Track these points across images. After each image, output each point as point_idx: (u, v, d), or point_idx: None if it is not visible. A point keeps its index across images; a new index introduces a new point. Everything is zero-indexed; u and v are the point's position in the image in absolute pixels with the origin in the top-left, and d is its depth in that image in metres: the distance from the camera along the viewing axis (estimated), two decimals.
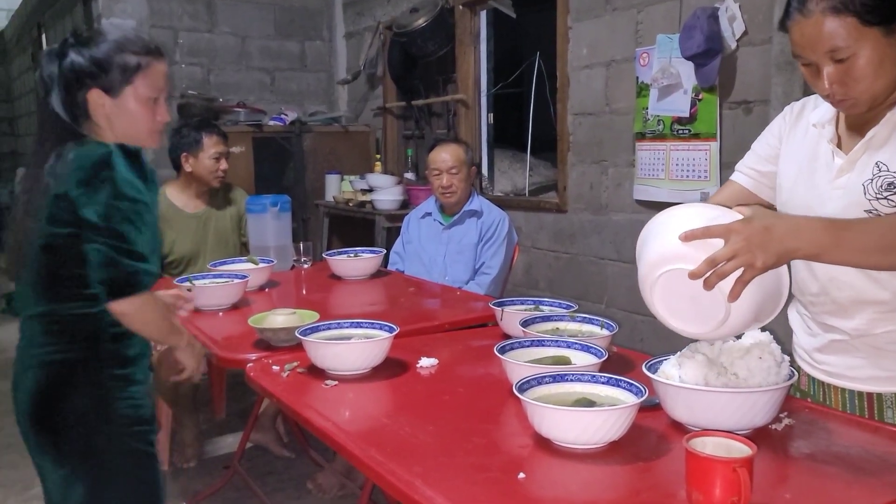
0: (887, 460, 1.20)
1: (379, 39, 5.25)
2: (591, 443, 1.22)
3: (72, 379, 1.55)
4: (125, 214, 1.48)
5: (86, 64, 1.55)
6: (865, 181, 1.33)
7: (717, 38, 2.96)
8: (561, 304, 2.03)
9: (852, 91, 1.28)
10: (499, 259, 3.12)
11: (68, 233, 1.50)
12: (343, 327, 1.82)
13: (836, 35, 1.24)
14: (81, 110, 1.57)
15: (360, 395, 1.58)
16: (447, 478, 1.15)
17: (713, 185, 3.11)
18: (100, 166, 1.48)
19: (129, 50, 1.58)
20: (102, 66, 1.56)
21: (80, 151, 1.51)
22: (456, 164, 3.13)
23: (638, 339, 3.55)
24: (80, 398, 1.55)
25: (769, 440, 1.27)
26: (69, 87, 1.55)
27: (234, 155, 4.92)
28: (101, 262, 1.48)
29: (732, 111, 3.05)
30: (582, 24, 3.73)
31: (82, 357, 1.56)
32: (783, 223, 1.20)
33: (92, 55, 1.56)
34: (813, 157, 1.45)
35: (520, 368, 1.47)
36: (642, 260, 1.30)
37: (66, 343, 1.56)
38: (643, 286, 1.29)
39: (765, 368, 1.27)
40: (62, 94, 1.55)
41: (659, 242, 1.27)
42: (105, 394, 1.57)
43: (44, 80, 1.57)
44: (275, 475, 3.09)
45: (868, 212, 1.32)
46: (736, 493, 1.00)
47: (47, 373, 1.55)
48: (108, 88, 1.57)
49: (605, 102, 3.65)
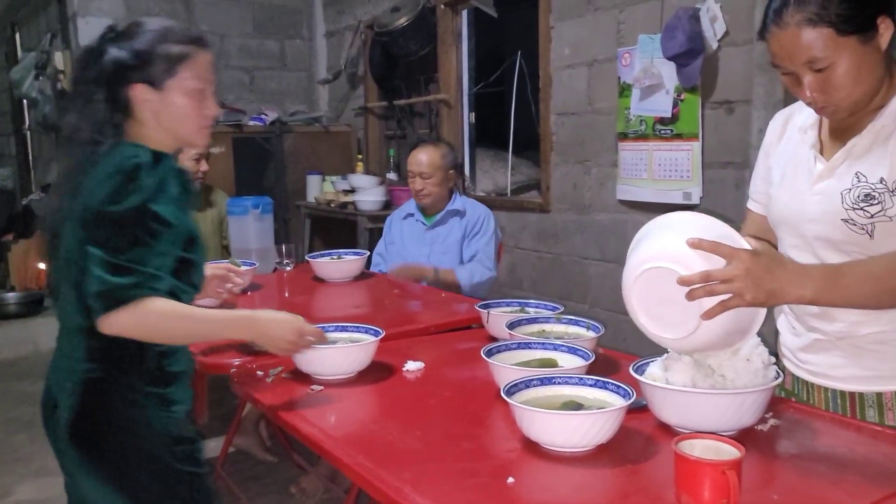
0: (870, 459, 1.22)
1: (360, 38, 5.23)
2: (580, 446, 1.22)
3: (114, 396, 1.44)
4: (139, 232, 1.36)
5: (128, 57, 1.44)
6: (844, 190, 1.34)
7: (699, 38, 2.97)
8: (547, 305, 2.02)
9: (833, 98, 1.30)
10: (491, 249, 3.10)
11: None
12: (328, 331, 1.80)
13: (813, 46, 1.25)
14: (124, 108, 1.46)
15: (346, 400, 1.57)
16: (436, 483, 1.15)
17: (695, 185, 3.12)
18: (129, 175, 1.37)
19: (172, 39, 1.47)
20: (145, 58, 1.45)
21: (111, 159, 1.39)
22: (429, 169, 3.12)
23: (621, 338, 3.56)
24: (122, 416, 1.44)
25: (756, 441, 1.27)
26: (111, 84, 1.44)
27: (213, 156, 4.88)
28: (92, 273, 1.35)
29: (714, 111, 3.07)
30: (564, 24, 3.73)
31: (124, 374, 1.44)
32: (786, 271, 1.21)
33: (133, 47, 1.45)
34: (795, 162, 1.46)
35: (507, 371, 1.46)
36: (637, 250, 1.30)
37: (108, 359, 1.43)
38: (628, 276, 1.29)
39: (752, 371, 1.28)
40: (104, 93, 1.43)
41: (662, 240, 1.27)
42: (146, 413, 1.45)
43: (80, 81, 1.46)
44: (258, 480, 3.06)
45: (844, 220, 1.33)
46: (725, 495, 1.00)
47: (89, 389, 1.43)
48: (153, 81, 1.45)
49: (588, 102, 3.66)
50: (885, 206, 1.29)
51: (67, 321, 1.48)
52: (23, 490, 3.08)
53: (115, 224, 1.35)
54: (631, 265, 1.29)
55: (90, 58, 1.46)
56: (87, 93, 1.45)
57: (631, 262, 1.30)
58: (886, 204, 1.29)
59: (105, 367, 1.43)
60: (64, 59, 5.22)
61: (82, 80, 1.47)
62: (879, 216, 1.29)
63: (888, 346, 1.37)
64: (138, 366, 1.44)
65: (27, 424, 3.81)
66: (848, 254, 1.34)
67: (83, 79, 1.46)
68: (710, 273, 1.17)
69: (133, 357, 1.44)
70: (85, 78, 1.46)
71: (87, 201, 1.37)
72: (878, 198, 1.29)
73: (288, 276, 2.96)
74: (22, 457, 3.41)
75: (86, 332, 1.41)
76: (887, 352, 1.37)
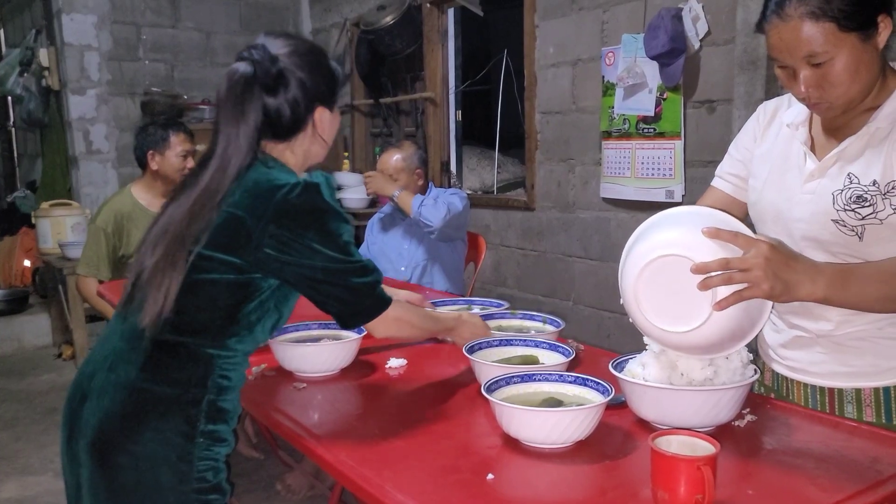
0: (846, 455, 1.23)
1: (346, 36, 5.22)
2: (559, 442, 1.24)
3: (158, 414, 1.29)
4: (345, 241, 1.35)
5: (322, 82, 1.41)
6: (836, 191, 1.34)
7: (681, 38, 2.99)
8: (493, 302, 2.06)
9: (828, 95, 1.29)
10: (456, 200, 3.05)
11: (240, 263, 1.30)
12: (311, 328, 1.81)
13: (813, 40, 1.24)
14: (297, 128, 1.40)
15: (329, 398, 1.58)
16: (417, 481, 1.16)
17: (678, 183, 3.15)
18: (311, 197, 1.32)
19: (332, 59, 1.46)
20: (334, 84, 1.44)
21: (278, 181, 1.31)
22: (394, 172, 3.15)
23: (605, 335, 3.59)
24: (160, 441, 1.29)
25: (732, 437, 1.29)
26: (297, 105, 1.38)
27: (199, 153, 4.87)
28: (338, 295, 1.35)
29: (696, 110, 3.09)
30: (548, 23, 3.75)
31: (179, 394, 1.30)
32: (803, 265, 1.21)
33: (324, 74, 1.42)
34: (785, 159, 1.45)
35: (488, 368, 1.48)
36: (642, 241, 1.27)
37: (167, 374, 1.31)
38: (633, 266, 1.26)
39: (731, 369, 1.30)
40: (287, 113, 1.37)
41: (673, 230, 1.24)
42: (190, 447, 1.30)
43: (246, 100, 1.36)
44: (244, 477, 3.06)
45: (834, 221, 1.33)
46: (700, 490, 1.01)
47: (134, 399, 1.30)
48: (331, 103, 1.44)
49: (572, 101, 3.68)
50: (877, 208, 1.29)
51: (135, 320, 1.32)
52: (6, 488, 3.07)
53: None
54: (636, 255, 1.26)
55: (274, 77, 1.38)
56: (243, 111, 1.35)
57: (636, 252, 1.27)
58: (878, 206, 1.29)
59: (161, 379, 1.31)
60: (49, 56, 5.18)
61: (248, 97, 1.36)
62: (870, 218, 1.29)
63: (868, 342, 1.38)
64: (198, 389, 1.31)
65: (10, 422, 3.79)
66: (835, 255, 1.34)
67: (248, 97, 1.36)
68: (728, 260, 1.15)
69: (193, 378, 1.31)
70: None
71: (252, 222, 1.29)
72: (870, 200, 1.29)
73: None
74: (6, 455, 3.39)
75: (153, 340, 1.30)
76: (867, 349, 1.38)
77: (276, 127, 1.38)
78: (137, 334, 1.31)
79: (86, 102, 5.12)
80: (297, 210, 1.29)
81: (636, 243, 1.30)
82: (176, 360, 1.31)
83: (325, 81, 1.42)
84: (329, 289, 1.34)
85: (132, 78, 5.20)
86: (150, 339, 1.30)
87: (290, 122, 1.39)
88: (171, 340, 1.30)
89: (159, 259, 1.30)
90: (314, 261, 1.31)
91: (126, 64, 5.20)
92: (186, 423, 1.30)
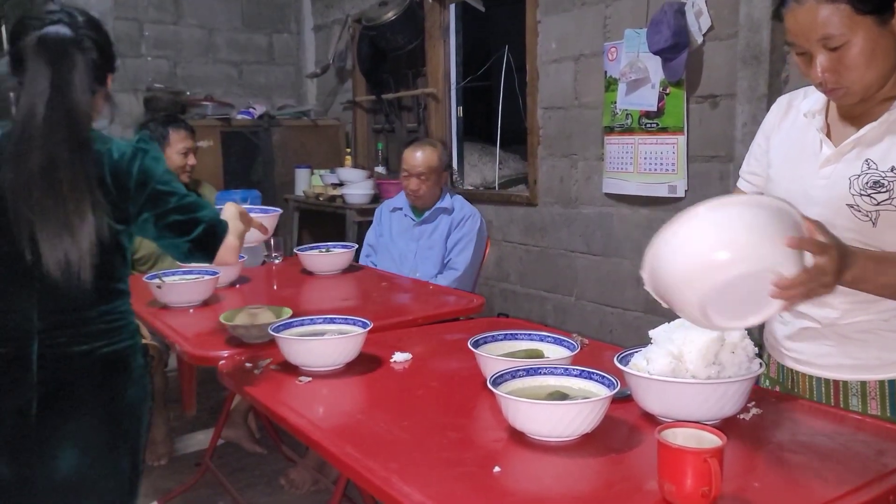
0: (851, 448, 1.24)
1: (348, 32, 5.22)
2: (565, 435, 1.24)
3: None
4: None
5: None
6: (852, 176, 1.34)
7: (684, 32, 2.99)
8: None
9: (844, 80, 1.29)
10: (466, 256, 3.12)
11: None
12: (316, 323, 1.81)
13: (829, 22, 1.25)
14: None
15: (334, 392, 1.58)
16: (423, 473, 1.16)
17: (680, 178, 3.15)
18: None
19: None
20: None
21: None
22: (426, 171, 3.13)
23: (607, 330, 3.59)
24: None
25: (738, 430, 1.29)
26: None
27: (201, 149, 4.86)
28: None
29: (699, 105, 3.09)
30: (550, 19, 3.75)
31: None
32: (850, 255, 1.21)
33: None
34: (801, 146, 1.46)
35: (493, 362, 1.48)
36: (701, 241, 1.14)
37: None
38: (697, 275, 1.14)
39: (736, 363, 1.30)
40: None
41: (740, 234, 1.13)
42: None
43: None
44: (247, 471, 3.07)
45: (849, 206, 1.34)
46: (707, 483, 1.02)
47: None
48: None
49: (574, 96, 3.67)
50: (893, 194, 1.30)
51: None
52: None
53: None
54: (703, 262, 1.13)
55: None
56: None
57: (700, 258, 1.14)
58: (894, 193, 1.30)
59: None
60: None
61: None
62: (885, 204, 1.31)
63: (873, 335, 1.39)
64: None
65: None
66: (847, 241, 1.33)
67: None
68: (808, 276, 1.12)
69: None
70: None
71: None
72: (888, 186, 1.30)
73: (277, 268, 2.97)
74: None
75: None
76: (872, 341, 1.39)
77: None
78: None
79: None
80: None
81: (692, 244, 1.15)
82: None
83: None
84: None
85: (135, 74, 5.20)
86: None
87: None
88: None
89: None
90: None
91: (128, 60, 5.19)
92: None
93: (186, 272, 2.50)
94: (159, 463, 3.15)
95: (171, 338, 2.00)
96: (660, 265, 1.19)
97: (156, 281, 2.32)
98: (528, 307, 4.04)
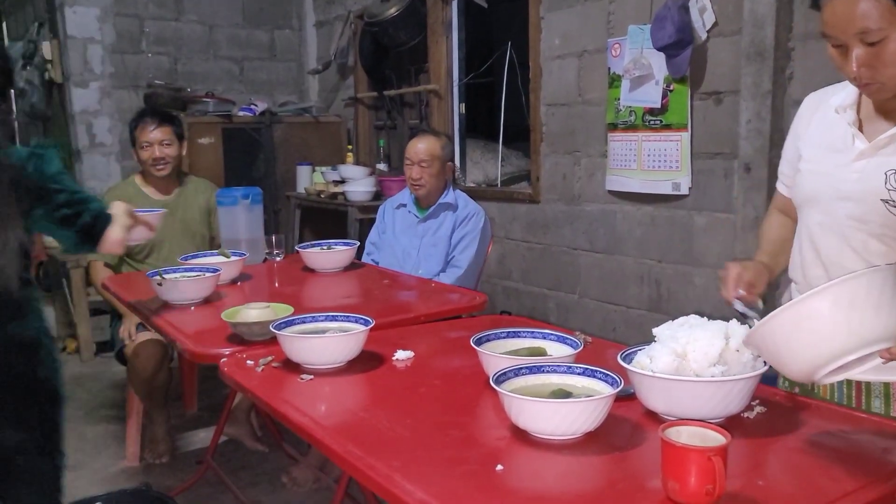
0: (856, 445, 1.23)
1: (350, 29, 5.21)
2: (568, 434, 1.23)
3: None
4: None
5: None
6: (889, 170, 1.32)
7: (688, 28, 2.98)
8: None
9: (879, 75, 1.27)
10: (469, 254, 3.11)
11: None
12: (318, 321, 1.81)
13: (868, 16, 1.23)
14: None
15: (336, 389, 1.58)
16: (425, 471, 1.15)
17: (684, 176, 3.14)
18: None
19: None
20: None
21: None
22: (427, 158, 3.12)
23: (610, 328, 3.59)
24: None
25: (742, 428, 1.29)
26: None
27: (203, 146, 4.87)
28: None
29: (703, 102, 3.08)
30: (554, 15, 3.73)
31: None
32: None
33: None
34: (832, 140, 1.44)
35: (496, 360, 1.47)
36: (832, 323, 1.11)
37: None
38: (824, 354, 1.11)
39: (741, 362, 1.29)
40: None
41: (871, 323, 1.10)
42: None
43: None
44: (249, 469, 3.07)
45: (884, 201, 1.32)
46: (711, 481, 1.01)
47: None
48: None
49: (578, 93, 3.66)
50: None
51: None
52: None
53: None
54: (832, 345, 1.10)
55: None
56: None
57: (829, 339, 1.10)
58: None
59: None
60: (51, 49, 5.18)
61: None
62: None
63: None
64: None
65: None
66: (879, 237, 1.32)
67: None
68: None
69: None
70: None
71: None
72: None
73: (278, 266, 2.96)
74: None
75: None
76: None
77: None
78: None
79: (89, 95, 5.12)
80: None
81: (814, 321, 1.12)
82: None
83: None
84: None
85: (135, 71, 5.20)
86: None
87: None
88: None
89: None
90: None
91: (129, 57, 5.19)
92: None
93: (188, 269, 2.50)
94: (161, 461, 3.15)
95: (173, 335, 2.00)
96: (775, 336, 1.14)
97: (157, 278, 2.32)
98: (531, 305, 4.03)
